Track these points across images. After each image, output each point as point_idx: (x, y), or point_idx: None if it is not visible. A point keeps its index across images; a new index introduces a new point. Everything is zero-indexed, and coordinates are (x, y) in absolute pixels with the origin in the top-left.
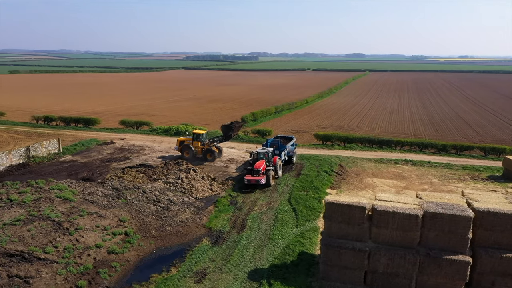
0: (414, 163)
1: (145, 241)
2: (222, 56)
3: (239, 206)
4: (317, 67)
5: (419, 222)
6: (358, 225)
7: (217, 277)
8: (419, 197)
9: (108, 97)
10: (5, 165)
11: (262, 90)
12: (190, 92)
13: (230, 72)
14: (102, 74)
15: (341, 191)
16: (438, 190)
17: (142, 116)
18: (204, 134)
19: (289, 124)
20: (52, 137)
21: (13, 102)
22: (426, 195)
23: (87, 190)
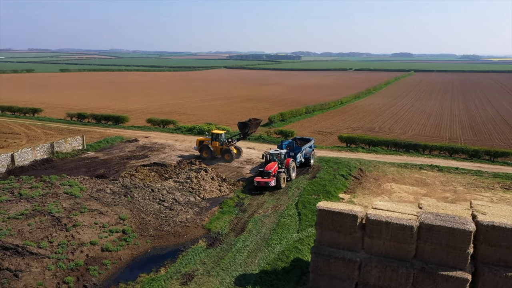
0: (440, 169)
1: (142, 240)
2: (264, 55)
3: (244, 208)
4: (359, 67)
5: (414, 234)
6: (349, 234)
7: (204, 280)
8: (420, 207)
9: (145, 95)
10: (29, 160)
11: (299, 90)
12: (226, 91)
13: (271, 71)
14: (145, 73)
15: (354, 196)
16: (461, 199)
17: (173, 114)
18: (223, 134)
19: (318, 125)
20: (81, 134)
21: (55, 99)
22: (428, 205)
23: (96, 187)
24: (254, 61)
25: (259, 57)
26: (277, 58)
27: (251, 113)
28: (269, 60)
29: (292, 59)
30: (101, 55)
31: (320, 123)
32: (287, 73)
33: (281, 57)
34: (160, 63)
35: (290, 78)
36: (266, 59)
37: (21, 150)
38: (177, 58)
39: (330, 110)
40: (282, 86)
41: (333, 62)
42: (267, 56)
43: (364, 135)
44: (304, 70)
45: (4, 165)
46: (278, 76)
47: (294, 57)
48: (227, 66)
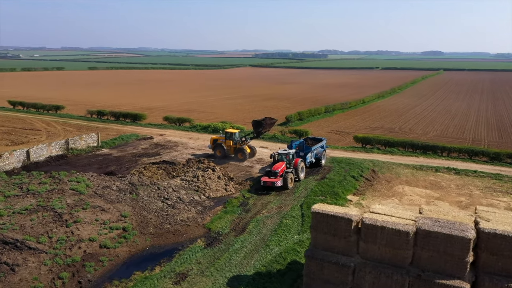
0: (457, 172)
1: (141, 237)
2: (291, 54)
3: (248, 208)
4: (386, 66)
5: (410, 240)
6: (344, 238)
7: (197, 280)
8: (420, 211)
9: (168, 93)
10: (44, 156)
11: (321, 89)
12: (247, 90)
13: (296, 70)
14: (170, 71)
15: (363, 198)
16: (475, 204)
17: (192, 112)
18: (237, 133)
19: (336, 124)
20: (100, 131)
21: (79, 96)
22: (430, 210)
23: (103, 184)
24: (280, 59)
25: (285, 55)
26: (303, 57)
27: (270, 112)
28: (295, 59)
29: (318, 58)
30: (129, 54)
31: (338, 123)
32: (312, 71)
33: (307, 55)
34: (187, 61)
35: (314, 77)
36: (292, 57)
37: (36, 146)
38: (204, 57)
39: (351, 110)
40: (305, 85)
41: (359, 61)
42: (293, 54)
43: (380, 135)
44: (330, 68)
45: (20, 161)
46: (302, 74)
47: (321, 56)
48: (252, 64)
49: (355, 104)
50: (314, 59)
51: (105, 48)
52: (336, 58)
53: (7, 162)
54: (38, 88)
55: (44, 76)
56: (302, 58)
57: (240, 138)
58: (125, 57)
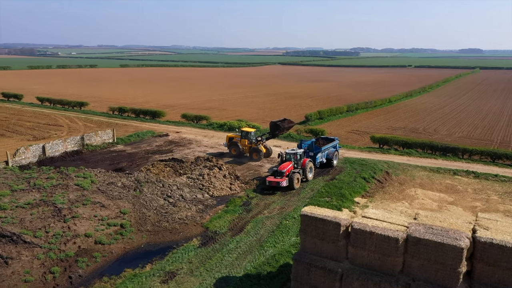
0: (477, 175)
1: (138, 234)
2: (322, 51)
3: (250, 208)
4: (420, 64)
5: (399, 247)
6: (333, 242)
7: (185, 280)
8: (415, 217)
9: (193, 90)
10: (60, 151)
11: (349, 88)
12: (272, 88)
13: (325, 68)
14: (200, 69)
15: (372, 201)
16: (491, 209)
17: (213, 110)
18: (253, 132)
19: (357, 124)
20: (118, 127)
21: (107, 93)
22: (426, 216)
23: (109, 180)
24: (310, 57)
25: (316, 53)
26: (334, 54)
27: (292, 110)
28: (325, 57)
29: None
30: (162, 51)
31: (360, 122)
32: (342, 69)
33: (338, 53)
34: (217, 59)
35: (343, 75)
36: (323, 55)
37: (52, 142)
38: (235, 54)
39: (376, 109)
40: (332, 83)
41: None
42: (324, 52)
43: (398, 136)
44: (360, 67)
45: (36, 156)
46: (331, 72)
47: (352, 53)
48: (282, 62)
49: (381, 103)
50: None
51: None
52: (368, 56)
53: (23, 157)
54: (68, 85)
55: (77, 73)
56: (333, 56)
57: (256, 138)
58: (157, 54)
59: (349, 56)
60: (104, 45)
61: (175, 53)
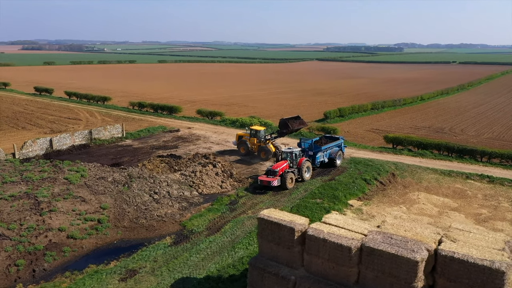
0: (491, 180)
1: (113, 230)
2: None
3: (236, 207)
4: (466, 60)
5: (352, 256)
6: (288, 248)
7: (144, 279)
8: (379, 225)
9: (220, 86)
10: (67, 145)
11: (383, 85)
12: (302, 84)
13: (363, 64)
14: (236, 65)
15: (367, 204)
16: (497, 218)
17: (232, 106)
18: (262, 131)
19: (379, 123)
20: (134, 122)
21: (134, 87)
22: (392, 224)
23: (100, 175)
24: (351, 53)
25: (358, 49)
26: (376, 50)
27: (315, 107)
28: (366, 52)
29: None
30: (204, 47)
31: (382, 121)
32: (381, 66)
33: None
34: (256, 55)
35: (380, 72)
36: (365, 51)
37: (60, 135)
38: (274, 50)
39: (405, 107)
40: (367, 80)
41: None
42: (366, 48)
43: (412, 136)
44: (401, 63)
45: (43, 149)
46: (368, 69)
47: (396, 49)
48: (320, 58)
49: (411, 101)
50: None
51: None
52: (412, 52)
53: (30, 149)
54: (102, 80)
55: (115, 68)
56: (375, 52)
57: (265, 136)
58: (198, 50)
59: (391, 52)
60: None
61: (216, 49)
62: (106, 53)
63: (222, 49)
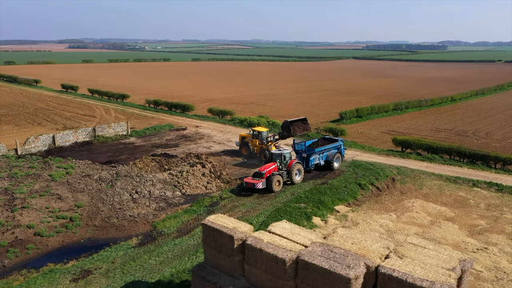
0: (500, 189)
1: (83, 229)
2: (405, 45)
3: (214, 209)
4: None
5: (287, 269)
6: (228, 256)
7: (95, 280)
8: (324, 236)
9: (244, 84)
10: (70, 142)
11: (416, 84)
12: (330, 83)
13: (402, 63)
14: (268, 63)
15: (355, 211)
16: (494, 231)
17: (250, 105)
18: (264, 132)
19: (398, 124)
20: (146, 120)
21: (159, 86)
22: (342, 235)
23: (87, 172)
24: (390, 51)
25: (399, 47)
26: (418, 48)
27: (334, 107)
28: (406, 51)
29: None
30: (241, 46)
31: (402, 122)
32: (420, 64)
33: (423, 47)
34: (292, 53)
35: (417, 71)
36: (405, 49)
37: (63, 132)
38: (312, 48)
39: (433, 108)
40: (400, 79)
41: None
42: (407, 46)
43: (421, 139)
44: (443, 61)
45: (46, 145)
46: (406, 67)
47: (439, 47)
48: (356, 56)
49: (440, 101)
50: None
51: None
52: (456, 50)
53: (33, 145)
54: (131, 77)
55: (147, 66)
56: (416, 50)
57: (267, 138)
58: (236, 49)
59: (434, 50)
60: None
61: (253, 47)
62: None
63: (260, 47)
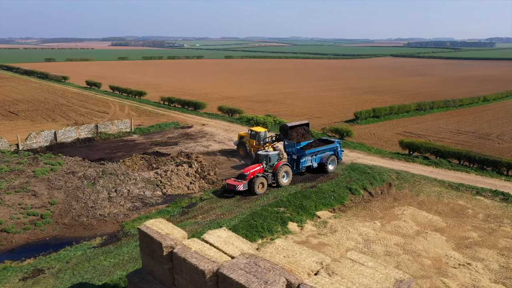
0: (505, 198)
1: (52, 227)
2: (449, 42)
3: (190, 210)
4: None
5: (207, 281)
6: (159, 263)
7: (43, 281)
8: (257, 248)
9: (268, 82)
10: (72, 138)
11: (451, 83)
12: (360, 82)
13: (442, 60)
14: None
15: (337, 217)
16: (486, 244)
17: (267, 103)
18: (262, 133)
19: (417, 125)
20: (157, 117)
21: (179, 83)
22: (277, 247)
23: (72, 169)
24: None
25: (443, 44)
26: (463, 46)
27: (353, 107)
28: (450, 48)
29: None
30: (279, 43)
31: (422, 123)
32: (462, 62)
33: (469, 44)
34: (329, 50)
35: (457, 69)
36: (449, 46)
37: (65, 128)
38: (350, 46)
39: (460, 108)
40: (436, 78)
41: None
42: (452, 43)
43: (429, 142)
44: (488, 59)
45: (48, 141)
46: (445, 66)
47: (486, 44)
48: (394, 54)
49: (470, 101)
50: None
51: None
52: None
53: (34, 141)
54: (159, 74)
55: (179, 63)
56: (460, 48)
57: (265, 139)
58: (273, 46)
59: (479, 48)
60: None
61: (291, 44)
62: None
63: (297, 44)
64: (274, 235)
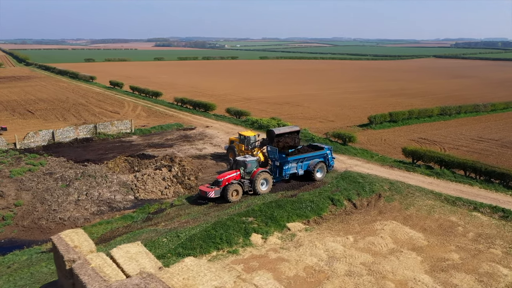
0: (505, 216)
1: (10, 229)
2: (501, 42)
3: (154, 217)
4: None
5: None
6: (65, 277)
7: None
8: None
9: (294, 84)
10: (70, 138)
11: (490, 86)
12: (390, 84)
13: (488, 62)
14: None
15: (308, 230)
16: (465, 268)
17: (284, 105)
18: (252, 137)
19: (435, 131)
20: (165, 118)
21: (204, 84)
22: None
23: (51, 170)
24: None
25: (494, 44)
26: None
27: (372, 109)
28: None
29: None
30: (320, 43)
31: (441, 130)
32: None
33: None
34: (370, 51)
35: (504, 70)
36: (500, 47)
37: (63, 128)
38: (394, 46)
39: (492, 114)
40: (476, 80)
41: None
42: (504, 43)
43: (434, 151)
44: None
45: (45, 140)
46: (491, 67)
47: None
48: (437, 55)
49: (504, 106)
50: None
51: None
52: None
53: (32, 140)
54: (187, 75)
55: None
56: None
57: (254, 143)
58: (313, 47)
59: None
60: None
61: (332, 45)
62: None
63: (339, 45)
64: (233, 247)
